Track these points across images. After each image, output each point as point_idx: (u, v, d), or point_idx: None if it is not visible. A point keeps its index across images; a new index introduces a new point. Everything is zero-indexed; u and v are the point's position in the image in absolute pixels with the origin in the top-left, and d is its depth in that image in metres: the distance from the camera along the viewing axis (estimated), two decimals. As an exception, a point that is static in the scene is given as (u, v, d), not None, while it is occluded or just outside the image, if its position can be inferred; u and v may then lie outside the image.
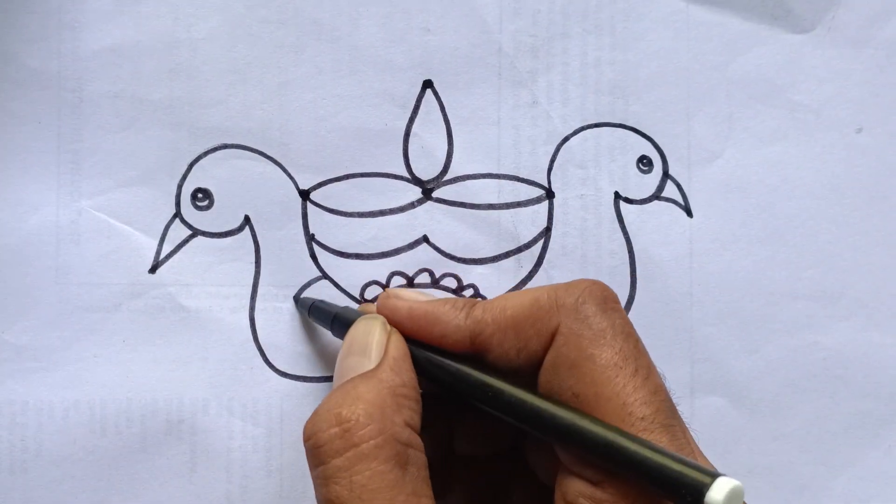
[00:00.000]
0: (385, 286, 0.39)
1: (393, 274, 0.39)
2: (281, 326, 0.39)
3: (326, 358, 0.39)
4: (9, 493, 0.37)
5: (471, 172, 0.40)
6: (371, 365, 0.31)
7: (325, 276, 0.39)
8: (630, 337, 0.30)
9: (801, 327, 0.41)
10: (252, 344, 0.38)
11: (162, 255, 0.38)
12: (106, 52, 0.38)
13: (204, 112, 0.38)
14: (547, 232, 0.40)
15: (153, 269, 0.38)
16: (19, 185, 0.37)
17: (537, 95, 0.40)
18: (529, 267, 0.40)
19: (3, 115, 0.37)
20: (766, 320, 0.41)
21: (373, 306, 0.36)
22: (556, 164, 0.40)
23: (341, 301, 0.39)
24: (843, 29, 0.42)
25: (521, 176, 0.40)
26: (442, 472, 0.32)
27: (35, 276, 0.37)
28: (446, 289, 0.40)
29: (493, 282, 0.40)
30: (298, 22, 0.39)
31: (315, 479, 0.30)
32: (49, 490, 0.37)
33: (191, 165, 0.38)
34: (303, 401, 0.39)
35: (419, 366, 0.32)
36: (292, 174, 0.39)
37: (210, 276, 0.38)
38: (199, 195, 0.39)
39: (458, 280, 0.40)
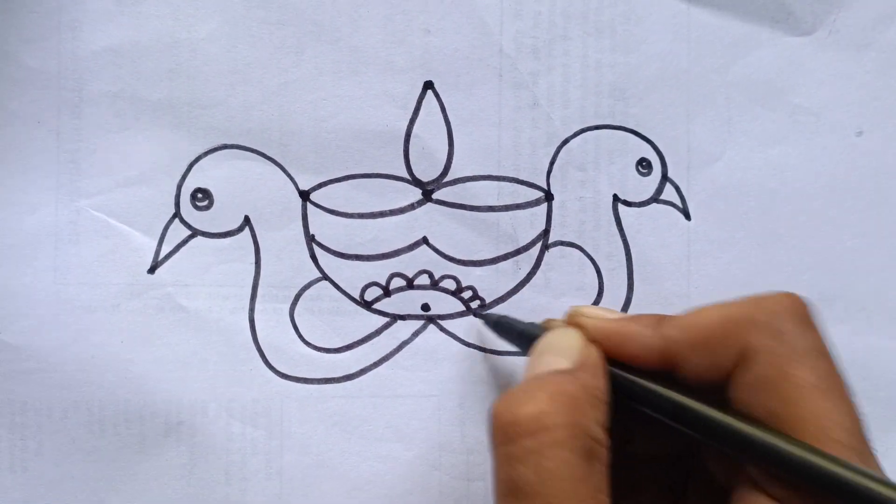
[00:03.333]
0: (385, 287, 0.39)
1: (393, 275, 0.39)
2: (281, 327, 0.39)
3: (327, 360, 0.39)
4: (8, 493, 0.37)
5: (471, 174, 0.40)
6: (568, 365, 0.31)
7: (325, 276, 0.39)
8: (827, 357, 0.30)
9: (800, 330, 0.41)
10: (252, 345, 0.38)
11: (161, 256, 0.38)
12: (106, 52, 0.38)
13: (204, 112, 0.38)
14: (545, 234, 0.40)
15: (152, 270, 0.38)
16: (18, 184, 0.37)
17: (538, 97, 0.40)
18: (528, 269, 0.40)
19: (2, 114, 0.37)
20: (765, 323, 0.41)
21: (559, 321, 0.35)
22: (555, 166, 0.40)
23: (343, 301, 0.39)
24: (844, 32, 0.42)
25: (520, 178, 0.40)
26: (619, 471, 0.32)
27: (34, 276, 0.37)
28: (445, 290, 0.40)
29: (492, 283, 0.40)
30: (299, 23, 0.39)
31: (500, 456, 0.29)
32: (48, 490, 0.37)
33: (190, 165, 0.38)
34: (303, 402, 0.38)
35: (614, 383, 0.32)
36: (292, 175, 0.39)
37: (209, 276, 0.38)
38: (199, 195, 0.38)
39: (458, 282, 0.40)
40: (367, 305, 0.39)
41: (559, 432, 0.28)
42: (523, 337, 0.36)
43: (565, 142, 0.40)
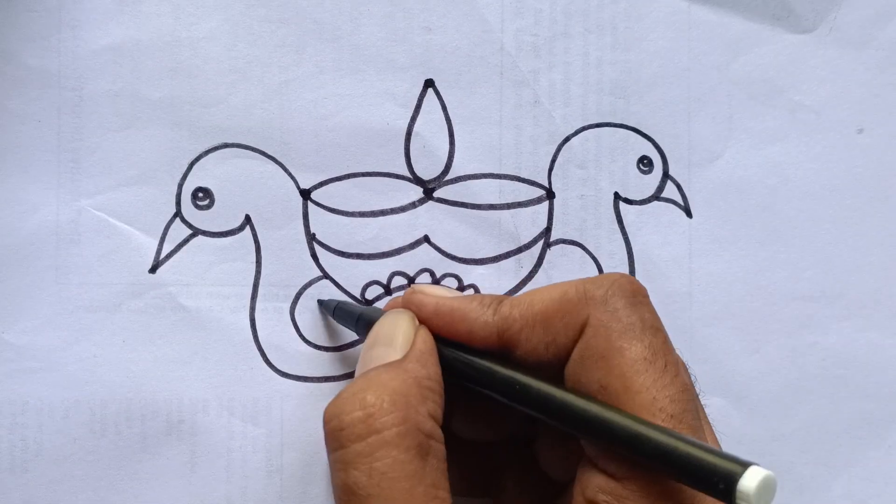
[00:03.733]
0: (386, 286, 0.39)
1: (394, 274, 0.39)
2: (281, 326, 0.39)
3: (327, 358, 0.39)
4: (9, 493, 0.37)
5: (472, 172, 0.40)
6: (397, 356, 0.31)
7: (325, 275, 0.39)
8: (659, 332, 0.30)
9: (801, 327, 0.42)
10: (252, 344, 0.38)
11: (162, 255, 0.38)
12: (106, 50, 0.38)
13: (205, 111, 0.38)
14: (547, 232, 0.40)
15: (153, 269, 0.38)
16: (19, 184, 0.37)
17: (539, 95, 0.40)
18: (529, 267, 0.40)
19: (2, 114, 0.37)
20: (766, 320, 0.41)
21: (397, 300, 0.35)
22: (556, 164, 0.40)
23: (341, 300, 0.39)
24: (845, 29, 0.42)
25: (522, 176, 0.40)
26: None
27: (35, 276, 0.37)
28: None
29: (494, 282, 0.40)
30: (299, 21, 0.39)
31: (333, 462, 0.29)
32: (49, 490, 0.37)
33: (191, 165, 0.38)
34: (303, 401, 0.38)
35: (444, 361, 0.32)
36: (293, 173, 0.39)
37: (210, 275, 0.38)
38: (200, 194, 0.38)
39: (459, 280, 0.40)
40: (367, 304, 0.39)
41: (388, 433, 0.28)
42: (361, 322, 0.36)
43: (566, 140, 0.40)
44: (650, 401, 0.28)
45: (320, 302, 0.39)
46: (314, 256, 0.39)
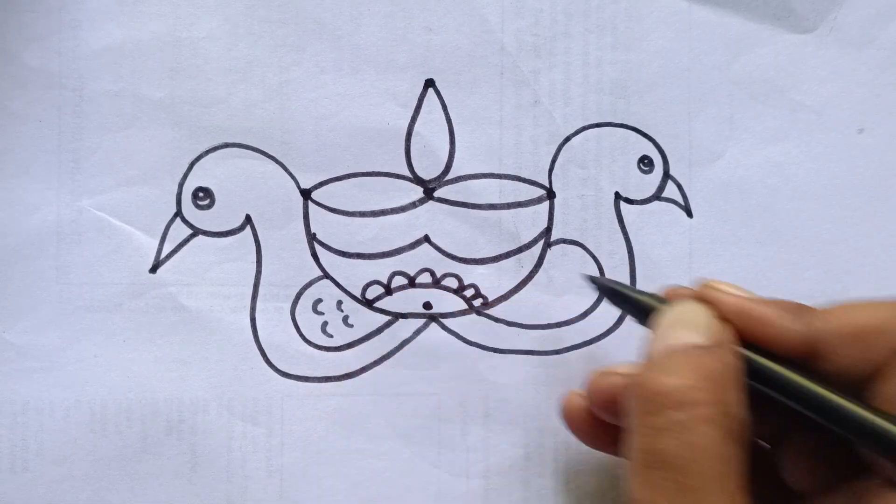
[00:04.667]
0: (387, 286, 0.39)
1: (394, 273, 0.39)
2: (282, 326, 0.39)
3: (327, 358, 0.39)
4: (9, 493, 0.37)
5: (472, 172, 0.40)
6: (704, 342, 0.30)
7: (326, 275, 0.39)
8: None
9: (801, 328, 0.41)
10: (253, 344, 0.38)
11: (163, 255, 0.38)
12: (107, 51, 0.38)
13: (205, 111, 0.38)
14: (547, 232, 0.40)
15: (154, 269, 0.38)
16: (20, 184, 0.37)
17: (539, 95, 0.40)
18: (530, 267, 0.40)
19: (3, 114, 0.37)
20: (767, 320, 0.41)
21: (684, 291, 0.34)
22: (557, 163, 0.40)
23: (347, 301, 0.39)
24: (846, 29, 0.42)
25: (522, 176, 0.40)
26: None
27: (36, 276, 0.37)
28: (447, 288, 0.40)
29: (494, 282, 0.40)
30: (300, 21, 0.39)
31: (641, 426, 0.28)
32: (50, 489, 0.37)
33: (192, 164, 0.38)
34: (303, 401, 0.39)
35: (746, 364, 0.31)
36: (293, 173, 0.39)
37: (211, 275, 0.38)
38: (200, 194, 0.38)
39: (459, 280, 0.40)
40: (368, 304, 0.39)
41: (707, 409, 0.27)
42: (640, 307, 0.34)
43: (567, 139, 0.40)
44: None
45: (590, 278, 0.36)
46: (315, 256, 0.39)
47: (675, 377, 0.28)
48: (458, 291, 0.40)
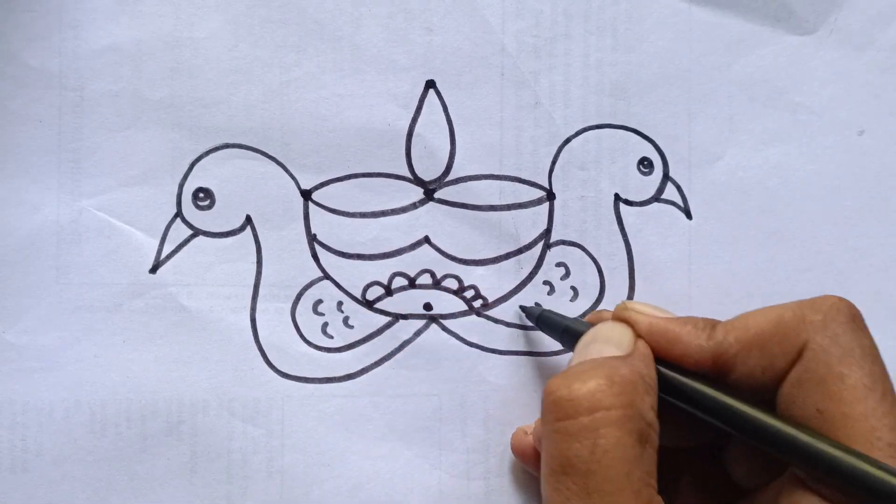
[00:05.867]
0: (387, 287, 0.39)
1: (395, 274, 0.39)
2: (282, 327, 0.39)
3: (328, 359, 0.39)
4: (9, 493, 0.37)
5: (473, 173, 0.40)
6: (621, 353, 0.32)
7: (326, 276, 0.39)
8: (878, 359, 0.30)
9: (801, 329, 0.42)
10: (253, 344, 0.38)
11: (163, 255, 0.38)
12: (107, 51, 0.38)
13: (205, 111, 0.38)
14: (547, 233, 0.40)
15: (154, 269, 0.38)
16: (20, 184, 0.37)
17: (540, 96, 0.40)
18: (529, 268, 0.40)
19: (3, 114, 0.37)
20: (766, 322, 0.41)
21: (605, 314, 0.36)
22: (557, 165, 0.40)
23: (347, 302, 0.39)
24: (846, 31, 0.42)
25: (522, 177, 0.40)
26: None
27: (36, 276, 0.37)
28: (447, 289, 0.40)
29: (494, 283, 0.40)
30: (300, 21, 0.39)
31: (553, 433, 0.29)
32: (49, 490, 0.37)
33: (192, 165, 0.38)
34: (304, 402, 0.38)
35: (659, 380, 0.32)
36: (294, 174, 0.39)
37: (211, 276, 0.38)
38: (201, 195, 0.38)
39: (460, 281, 0.40)
40: (368, 305, 0.39)
41: (615, 413, 0.29)
42: (567, 333, 0.36)
43: (567, 141, 0.40)
44: (869, 429, 0.28)
45: (522, 308, 0.39)
46: (315, 257, 0.39)
47: (584, 383, 0.29)
48: (459, 292, 0.40)
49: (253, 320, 0.38)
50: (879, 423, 0.28)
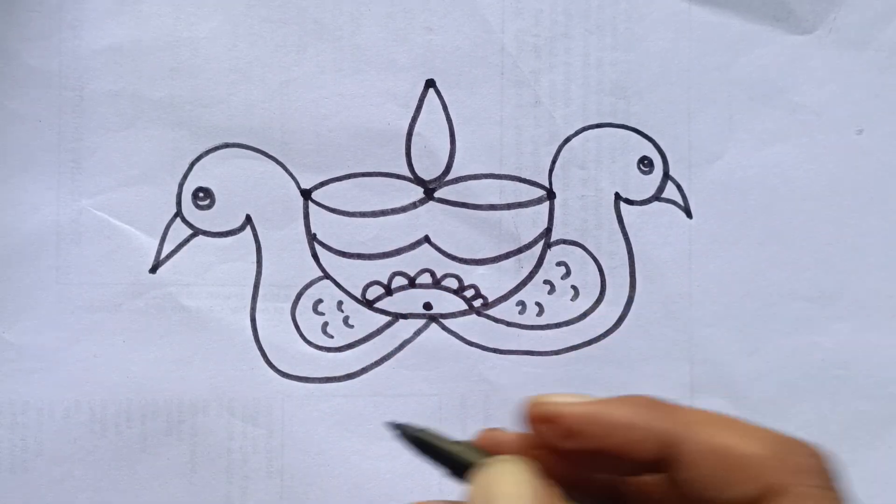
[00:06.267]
0: (387, 286, 0.39)
1: (394, 274, 0.39)
2: (282, 327, 0.39)
3: (328, 359, 0.39)
4: (9, 493, 0.37)
5: (473, 172, 0.40)
6: None
7: (326, 276, 0.39)
8: None
9: (801, 328, 0.42)
10: (253, 344, 0.38)
11: (163, 255, 0.38)
12: (107, 50, 0.38)
13: (205, 111, 0.38)
14: (547, 233, 0.40)
15: (154, 269, 0.38)
16: (20, 184, 0.37)
17: (540, 95, 0.40)
18: (530, 268, 0.40)
19: (3, 113, 0.37)
20: (766, 321, 0.41)
21: (504, 437, 0.29)
22: (557, 164, 0.40)
23: (347, 301, 0.39)
24: (845, 30, 0.42)
25: (522, 176, 0.40)
26: None
27: (36, 276, 0.37)
28: (447, 289, 0.40)
29: (494, 282, 0.40)
30: (300, 21, 0.39)
31: None
32: (49, 490, 0.37)
33: (192, 164, 0.38)
34: (304, 402, 0.38)
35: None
36: (294, 173, 0.39)
37: (211, 275, 0.38)
38: (201, 194, 0.38)
39: (460, 280, 0.40)
40: (368, 304, 0.39)
41: None
42: (452, 461, 0.29)
43: (567, 140, 0.40)
44: None
45: (395, 426, 0.30)
46: (315, 256, 0.39)
47: None
48: (459, 292, 0.40)
49: (253, 320, 0.38)
50: None
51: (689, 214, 0.41)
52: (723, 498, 0.28)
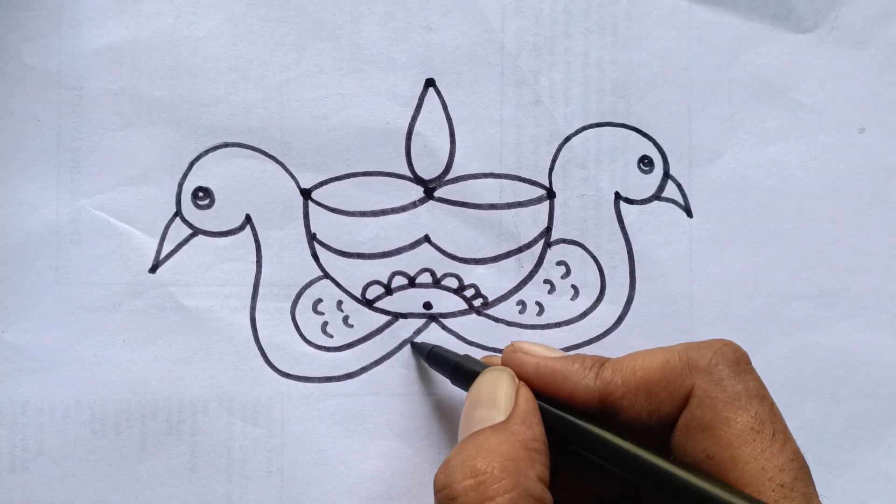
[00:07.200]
0: (387, 286, 0.39)
1: (394, 273, 0.39)
2: (282, 326, 0.39)
3: (328, 358, 0.39)
4: (9, 493, 0.37)
5: (473, 172, 0.40)
6: (501, 417, 0.31)
7: (326, 275, 0.39)
8: (765, 400, 0.30)
9: (801, 327, 0.42)
10: (253, 344, 0.38)
11: (162, 255, 0.38)
12: (106, 49, 0.38)
13: (205, 110, 0.38)
14: (547, 232, 0.40)
15: (153, 269, 0.38)
16: (19, 184, 0.37)
17: (540, 94, 0.40)
18: (530, 267, 0.40)
19: (2, 113, 0.37)
20: (766, 320, 0.41)
21: (496, 358, 0.36)
22: (557, 163, 0.40)
23: (347, 301, 0.39)
24: (846, 29, 0.42)
25: (522, 175, 0.40)
26: None
27: (35, 276, 0.37)
28: (447, 288, 0.40)
29: (494, 281, 0.40)
30: (300, 20, 0.39)
31: None
32: (49, 489, 0.37)
33: (191, 164, 0.38)
34: (303, 401, 0.38)
35: (547, 421, 0.32)
36: (294, 173, 0.39)
37: (211, 275, 0.38)
38: (200, 194, 0.38)
39: (460, 280, 0.40)
40: (368, 304, 0.39)
41: (501, 500, 0.28)
42: (457, 371, 0.36)
43: (567, 139, 0.40)
44: (759, 471, 0.28)
45: (413, 345, 0.39)
46: (315, 256, 0.39)
47: (466, 477, 0.29)
48: (459, 291, 0.40)
49: (253, 320, 0.38)
50: (769, 464, 0.28)
51: (689, 214, 0.41)
52: (660, 415, 0.31)
